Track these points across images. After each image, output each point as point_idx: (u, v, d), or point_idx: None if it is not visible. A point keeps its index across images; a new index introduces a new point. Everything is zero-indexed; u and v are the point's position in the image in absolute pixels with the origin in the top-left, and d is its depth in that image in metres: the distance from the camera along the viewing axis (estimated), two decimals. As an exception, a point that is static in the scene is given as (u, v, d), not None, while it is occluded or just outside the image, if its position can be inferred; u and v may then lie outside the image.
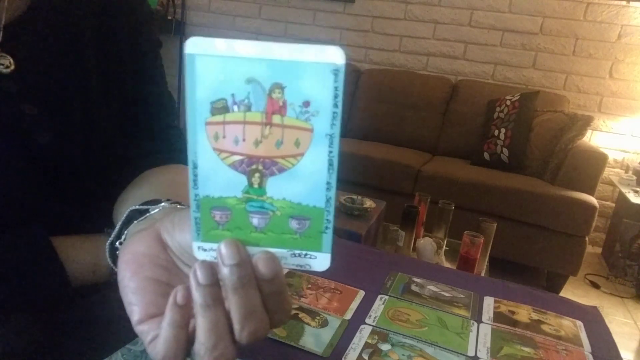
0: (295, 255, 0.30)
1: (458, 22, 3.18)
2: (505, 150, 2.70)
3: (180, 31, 3.73)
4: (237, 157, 0.28)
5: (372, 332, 0.58)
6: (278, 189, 0.29)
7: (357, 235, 1.69)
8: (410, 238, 1.79)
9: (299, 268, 0.31)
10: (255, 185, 0.29)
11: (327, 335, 0.56)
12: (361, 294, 0.67)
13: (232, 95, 0.27)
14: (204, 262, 0.30)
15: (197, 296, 0.30)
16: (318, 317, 0.60)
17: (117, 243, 0.44)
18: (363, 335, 0.57)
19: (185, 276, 0.36)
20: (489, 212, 2.37)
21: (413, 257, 1.74)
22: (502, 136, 2.72)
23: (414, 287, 0.70)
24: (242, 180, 0.29)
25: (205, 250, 0.31)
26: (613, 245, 2.71)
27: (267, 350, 0.53)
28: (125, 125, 0.58)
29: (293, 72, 0.27)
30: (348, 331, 0.58)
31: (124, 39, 0.57)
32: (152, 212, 0.42)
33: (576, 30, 2.94)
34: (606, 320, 0.68)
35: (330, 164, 0.28)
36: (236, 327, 0.30)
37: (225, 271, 0.29)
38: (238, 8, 3.67)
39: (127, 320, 0.55)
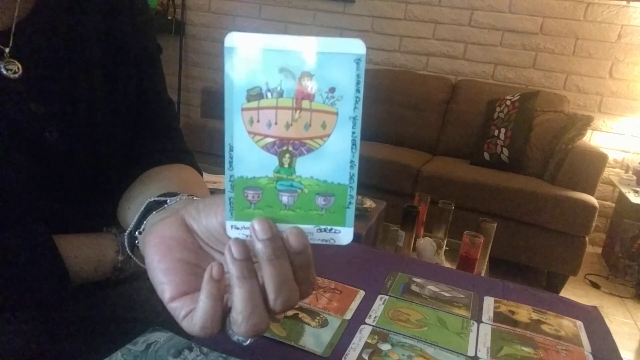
0: (321, 231, 0.33)
1: (458, 22, 3.18)
2: (505, 150, 2.70)
3: (180, 31, 3.73)
4: (269, 140, 0.31)
5: (372, 332, 0.58)
6: (306, 168, 0.31)
7: (357, 235, 1.68)
8: (410, 238, 1.79)
9: (324, 242, 0.33)
10: (286, 166, 0.31)
11: (327, 335, 0.56)
12: (361, 294, 0.67)
13: (266, 83, 0.30)
14: (237, 239, 0.32)
15: (233, 269, 0.32)
16: (318, 317, 0.60)
17: (137, 233, 0.45)
18: (363, 335, 0.57)
19: (211, 258, 0.38)
20: (489, 212, 2.37)
21: (413, 257, 1.74)
22: (502, 136, 2.72)
23: (414, 287, 0.70)
24: (274, 161, 0.31)
25: (238, 228, 0.33)
26: (613, 245, 2.71)
27: (267, 350, 0.53)
28: (128, 125, 0.59)
29: (320, 62, 0.30)
30: (348, 331, 0.58)
31: (128, 42, 0.58)
32: (171, 204, 0.44)
33: (576, 30, 2.94)
34: (606, 320, 0.68)
35: (354, 144, 0.31)
36: (271, 296, 0.32)
37: (259, 246, 0.32)
38: (238, 8, 3.66)
39: (127, 320, 0.55)
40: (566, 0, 2.93)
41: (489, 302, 0.69)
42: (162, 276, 0.36)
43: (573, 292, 2.51)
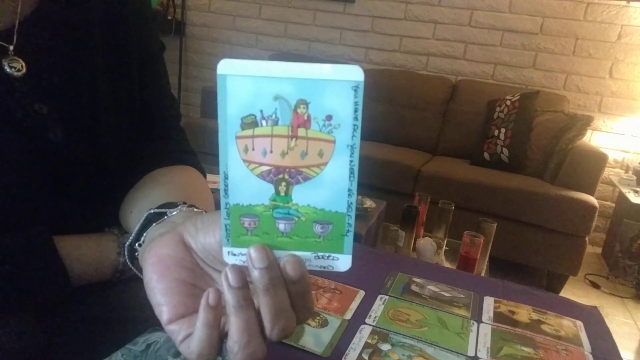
0: (318, 258, 0.32)
1: (458, 22, 3.18)
2: (505, 150, 2.70)
3: (180, 31, 3.73)
4: (265, 168, 0.30)
5: (372, 332, 0.58)
6: (303, 196, 0.31)
7: (357, 235, 1.69)
8: (410, 238, 1.79)
9: (322, 269, 0.33)
10: (282, 193, 0.31)
11: (327, 335, 0.56)
12: (361, 294, 0.67)
13: (261, 111, 0.29)
14: (234, 266, 0.32)
15: (230, 298, 0.31)
16: (318, 317, 0.60)
17: (136, 245, 0.45)
18: (363, 335, 0.57)
19: (209, 277, 0.37)
20: (489, 212, 2.37)
21: (413, 257, 1.74)
22: (502, 136, 2.72)
23: (414, 287, 0.70)
24: (270, 188, 0.31)
25: (235, 255, 0.32)
26: (613, 245, 2.71)
27: (267, 350, 0.53)
28: (132, 125, 0.59)
29: (316, 89, 0.29)
30: (348, 331, 0.58)
31: (131, 40, 0.57)
32: (171, 216, 0.43)
33: (576, 30, 2.94)
34: (606, 320, 0.68)
35: (351, 172, 0.30)
36: (267, 325, 0.32)
37: (255, 274, 0.31)
38: (238, 8, 3.66)
39: (127, 320, 0.55)
40: (566, 0, 2.93)
41: (489, 302, 0.69)
42: (160, 297, 0.35)
43: (573, 292, 2.51)
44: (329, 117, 0.29)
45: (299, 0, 3.48)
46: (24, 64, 0.48)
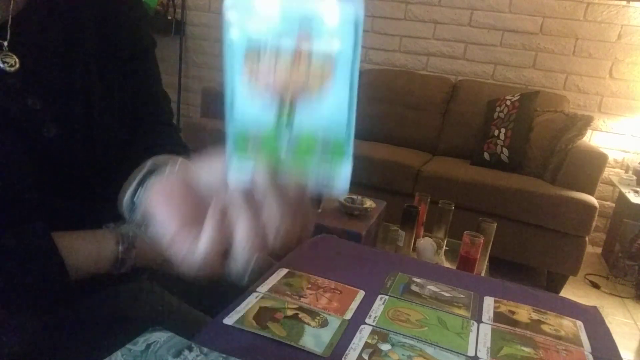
0: (320, 176, 0.34)
1: (458, 22, 3.18)
2: (505, 150, 2.70)
3: (180, 31, 3.73)
4: (268, 89, 0.32)
5: (372, 332, 0.58)
6: (305, 115, 0.32)
7: (357, 235, 1.68)
8: (410, 238, 1.79)
9: (324, 185, 0.34)
10: (285, 114, 0.32)
11: (327, 335, 0.56)
12: (361, 294, 0.67)
13: (266, 33, 0.31)
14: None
15: (237, 201, 0.34)
16: (318, 317, 0.60)
17: (135, 197, 0.46)
18: (363, 335, 0.57)
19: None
20: (489, 212, 2.36)
21: (413, 257, 1.74)
22: (502, 136, 2.72)
23: (414, 287, 0.70)
24: (273, 110, 0.32)
25: (240, 176, 0.34)
26: (613, 245, 2.71)
27: (267, 350, 0.53)
28: (124, 120, 0.59)
29: (318, 10, 0.30)
30: (348, 331, 0.58)
31: (123, 36, 0.58)
32: (172, 167, 0.44)
33: (576, 30, 2.94)
34: (606, 320, 0.68)
35: (352, 88, 0.31)
36: (272, 230, 0.34)
37: (260, 188, 0.33)
38: (238, 8, 3.66)
39: (127, 320, 0.55)
40: (566, 0, 2.93)
41: (489, 302, 0.69)
42: (167, 212, 0.37)
43: (573, 292, 2.51)
44: (331, 35, 0.30)
45: (299, 0, 3.48)
46: (17, 60, 0.48)
